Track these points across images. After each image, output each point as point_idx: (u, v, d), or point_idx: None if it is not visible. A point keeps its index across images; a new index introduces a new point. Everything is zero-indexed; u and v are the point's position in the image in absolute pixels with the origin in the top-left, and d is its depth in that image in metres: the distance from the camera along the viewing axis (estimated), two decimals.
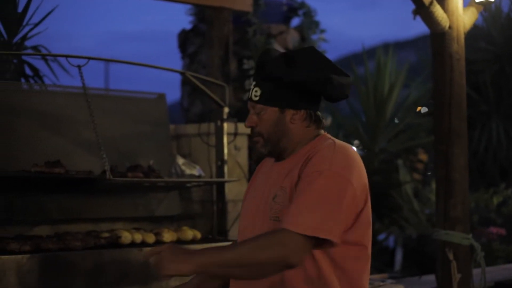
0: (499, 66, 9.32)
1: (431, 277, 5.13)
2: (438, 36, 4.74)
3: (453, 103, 4.66)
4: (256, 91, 2.65)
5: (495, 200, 8.09)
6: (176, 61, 8.69)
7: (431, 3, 4.56)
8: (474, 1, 4.88)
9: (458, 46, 4.73)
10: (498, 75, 9.34)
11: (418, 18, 4.68)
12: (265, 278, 2.52)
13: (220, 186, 4.76)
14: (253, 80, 2.70)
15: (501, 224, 7.69)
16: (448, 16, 4.69)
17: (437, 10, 4.59)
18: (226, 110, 4.74)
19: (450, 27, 4.71)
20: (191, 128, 5.30)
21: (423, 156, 9.40)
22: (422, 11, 4.61)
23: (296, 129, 2.66)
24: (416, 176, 8.85)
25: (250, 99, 2.69)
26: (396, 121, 8.15)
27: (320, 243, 2.47)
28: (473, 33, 5.52)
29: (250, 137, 5.64)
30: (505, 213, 7.92)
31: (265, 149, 2.70)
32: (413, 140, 8.23)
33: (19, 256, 3.39)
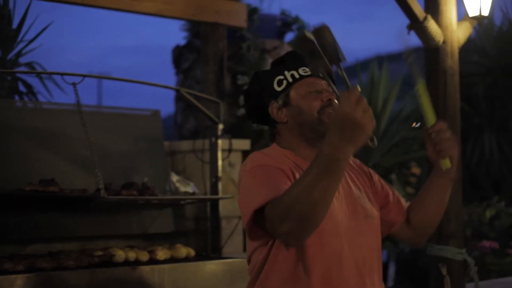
0: (492, 79, 9.30)
1: None
2: (432, 51, 4.73)
3: (447, 117, 4.65)
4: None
5: (488, 214, 8.05)
6: (170, 75, 8.67)
7: (425, 18, 4.56)
8: (468, 16, 4.87)
9: (452, 61, 4.73)
10: (491, 88, 9.32)
11: (412, 32, 4.67)
12: None
13: (214, 203, 4.71)
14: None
15: (494, 238, 7.66)
16: (442, 31, 4.69)
17: (431, 25, 4.59)
18: (220, 126, 4.72)
19: (444, 42, 4.70)
20: (185, 145, 5.29)
21: (416, 170, 9.37)
22: (416, 26, 4.61)
23: None
24: (410, 190, 8.81)
25: (320, 76, 2.63)
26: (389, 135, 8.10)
27: None
28: (466, 47, 5.49)
29: (244, 153, 5.63)
30: (498, 226, 7.88)
31: None
32: (407, 154, 8.20)
33: (13, 276, 3.36)
